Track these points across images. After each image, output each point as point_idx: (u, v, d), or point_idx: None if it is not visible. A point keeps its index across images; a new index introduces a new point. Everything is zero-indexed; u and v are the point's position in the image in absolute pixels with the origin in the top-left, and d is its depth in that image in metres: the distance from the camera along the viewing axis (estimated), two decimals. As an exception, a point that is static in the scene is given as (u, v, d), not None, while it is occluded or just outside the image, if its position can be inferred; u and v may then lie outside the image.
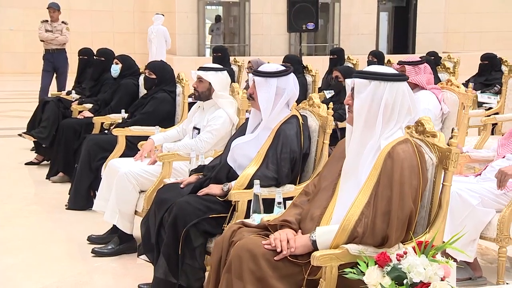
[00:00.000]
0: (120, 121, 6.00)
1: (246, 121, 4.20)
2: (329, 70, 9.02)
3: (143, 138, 5.26)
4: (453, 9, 21.79)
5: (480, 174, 4.31)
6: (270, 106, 3.91)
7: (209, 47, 20.05)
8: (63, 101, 7.55)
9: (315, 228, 2.91)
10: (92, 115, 6.75)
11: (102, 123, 6.41)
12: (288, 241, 2.87)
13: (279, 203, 3.45)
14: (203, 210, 3.72)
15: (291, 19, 14.35)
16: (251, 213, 3.47)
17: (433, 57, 9.10)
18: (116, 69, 6.75)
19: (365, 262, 2.57)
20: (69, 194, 5.96)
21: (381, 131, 2.91)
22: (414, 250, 2.50)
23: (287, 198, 3.61)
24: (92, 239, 5.02)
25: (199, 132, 4.87)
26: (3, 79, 17.55)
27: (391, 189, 2.79)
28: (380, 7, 21.34)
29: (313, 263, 2.74)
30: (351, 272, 2.58)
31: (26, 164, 7.62)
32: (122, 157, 5.37)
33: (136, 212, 4.75)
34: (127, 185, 4.70)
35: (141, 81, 6.56)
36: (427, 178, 2.97)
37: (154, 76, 5.81)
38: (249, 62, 8.15)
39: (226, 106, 4.86)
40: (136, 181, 4.71)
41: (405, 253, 2.47)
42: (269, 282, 2.79)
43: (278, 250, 2.85)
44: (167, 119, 5.73)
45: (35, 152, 7.74)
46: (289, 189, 3.82)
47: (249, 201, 3.63)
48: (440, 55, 10.47)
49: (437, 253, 2.48)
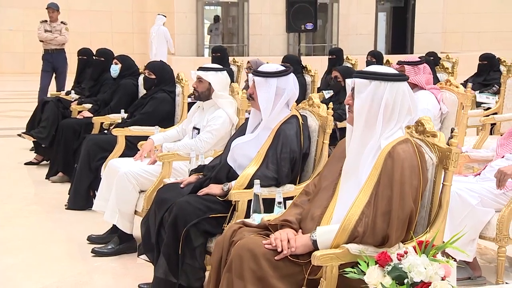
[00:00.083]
0: (119, 121, 6.01)
1: (246, 121, 4.20)
2: (328, 70, 9.03)
3: (143, 138, 5.26)
4: (451, 9, 21.79)
5: (479, 174, 4.32)
6: (270, 106, 3.91)
7: (207, 47, 20.05)
8: (63, 101, 7.55)
9: (316, 227, 2.91)
10: (91, 115, 6.75)
11: (101, 123, 6.42)
12: (288, 241, 2.87)
13: (279, 203, 3.45)
14: (203, 210, 3.72)
15: (290, 19, 14.37)
16: (251, 213, 3.47)
17: (433, 58, 9.11)
18: (115, 69, 6.75)
19: (365, 261, 2.58)
20: (68, 194, 5.96)
21: (381, 131, 2.91)
22: (414, 249, 2.50)
23: (287, 198, 3.61)
24: (92, 239, 5.02)
25: (198, 132, 4.87)
26: (2, 79, 17.54)
27: (392, 188, 2.79)
28: (378, 7, 21.36)
29: (313, 263, 2.74)
30: (351, 271, 2.58)
31: (25, 164, 7.62)
32: (121, 157, 5.37)
33: (136, 212, 4.75)
34: (127, 185, 4.70)
35: (140, 81, 6.56)
36: (427, 178, 2.97)
37: (153, 76, 5.81)
38: (248, 62, 8.15)
39: (225, 106, 4.87)
40: (136, 181, 4.71)
41: (405, 253, 2.47)
42: (270, 281, 2.79)
43: (278, 249, 2.85)
44: (166, 119, 5.73)
45: (35, 152, 7.73)
46: (289, 189, 3.82)
47: (249, 201, 3.63)
48: (438, 55, 10.47)
49: (437, 253, 2.49)
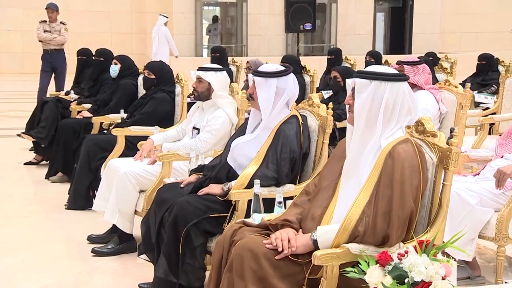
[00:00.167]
0: (119, 121, 6.01)
1: (246, 121, 4.20)
2: (327, 70, 9.04)
3: (143, 138, 5.26)
4: (449, 10, 21.82)
5: (478, 173, 4.32)
6: (270, 106, 3.92)
7: (206, 47, 20.06)
8: (62, 101, 7.55)
9: (316, 227, 2.91)
10: (91, 115, 6.75)
11: (101, 123, 6.43)
12: (289, 241, 2.87)
13: (280, 202, 3.46)
14: (203, 209, 3.72)
15: (288, 19, 14.39)
16: (251, 213, 3.47)
17: (432, 58, 9.12)
18: (115, 69, 6.75)
19: (366, 261, 2.58)
20: (68, 194, 5.96)
21: (381, 130, 2.92)
22: (415, 249, 2.50)
23: (287, 197, 3.62)
24: (92, 239, 5.02)
25: (198, 132, 4.87)
26: (1, 79, 17.54)
27: (392, 188, 2.80)
28: (376, 8, 21.39)
29: (314, 263, 2.74)
30: (352, 271, 2.59)
31: (25, 164, 7.62)
32: (121, 157, 5.37)
33: (136, 211, 4.75)
34: (127, 185, 4.70)
35: (140, 81, 6.57)
36: (428, 177, 2.97)
37: (153, 76, 5.81)
38: (247, 62, 8.16)
39: (225, 106, 4.87)
40: (136, 181, 4.72)
41: (406, 252, 2.48)
42: (270, 281, 2.79)
43: (279, 249, 2.85)
44: (166, 119, 5.74)
45: (34, 152, 7.73)
46: (289, 188, 3.83)
47: (249, 201, 3.63)
48: (437, 56, 10.49)
49: (438, 252, 2.50)
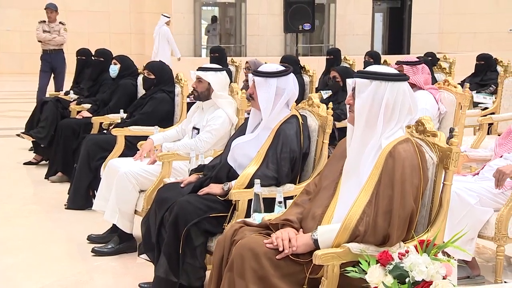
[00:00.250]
0: (118, 121, 6.02)
1: (246, 121, 4.20)
2: (326, 70, 9.04)
3: (142, 138, 5.27)
4: (448, 10, 21.82)
5: (478, 173, 4.33)
6: (270, 106, 3.92)
7: (205, 47, 20.04)
8: (62, 101, 7.55)
9: (317, 227, 2.91)
10: (90, 115, 6.76)
11: (100, 123, 6.43)
12: (289, 240, 2.87)
13: (280, 202, 3.46)
14: (203, 209, 3.73)
15: (287, 19, 14.41)
16: (251, 213, 3.48)
17: (431, 58, 9.13)
18: (114, 69, 6.75)
19: (366, 260, 2.59)
20: (68, 193, 5.96)
21: (382, 130, 2.93)
22: (415, 248, 2.51)
23: (287, 197, 3.63)
24: (92, 239, 5.03)
25: (198, 132, 4.88)
26: (0, 79, 17.52)
27: (393, 188, 2.80)
28: (375, 8, 21.38)
29: (315, 262, 2.75)
30: (353, 270, 2.59)
31: (24, 164, 7.62)
32: (121, 157, 5.37)
33: (136, 211, 4.75)
34: (127, 185, 4.71)
35: (139, 81, 6.57)
36: (428, 177, 2.98)
37: (153, 76, 5.81)
38: (246, 62, 8.18)
39: (225, 106, 4.87)
40: (136, 181, 4.72)
41: (407, 252, 2.48)
42: (271, 280, 2.80)
43: (280, 249, 2.85)
44: (166, 119, 5.74)
45: (34, 152, 7.73)
46: (289, 188, 3.83)
47: (250, 201, 3.64)
48: (437, 56, 10.50)
49: (438, 252, 2.50)
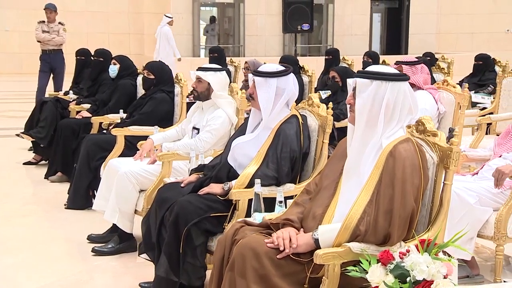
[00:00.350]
0: (118, 121, 6.02)
1: (246, 121, 4.21)
2: (325, 70, 9.06)
3: (142, 138, 5.27)
4: (446, 10, 21.87)
5: (477, 173, 4.34)
6: (270, 106, 3.93)
7: (203, 48, 20.09)
8: (61, 101, 7.56)
9: (317, 226, 2.92)
10: (90, 115, 6.76)
11: (100, 123, 6.44)
12: (290, 240, 2.87)
13: (280, 202, 3.46)
14: (204, 209, 3.74)
15: (286, 20, 14.43)
16: (252, 212, 3.48)
17: (429, 58, 9.15)
18: (114, 69, 6.75)
19: (367, 260, 2.60)
20: (68, 193, 5.97)
21: (382, 130, 2.93)
22: (416, 248, 2.52)
23: (288, 197, 3.63)
24: (92, 238, 5.03)
25: (198, 132, 4.88)
26: None
27: (393, 187, 2.81)
28: (373, 8, 21.45)
29: (315, 261, 2.75)
30: (353, 270, 2.60)
31: (24, 164, 7.62)
32: (121, 157, 5.38)
33: (136, 211, 4.76)
34: (127, 185, 4.71)
35: (139, 81, 6.58)
36: (428, 176, 2.98)
37: (152, 76, 5.81)
38: (245, 62, 8.18)
39: (225, 106, 4.88)
40: (136, 181, 4.72)
41: (408, 251, 2.49)
42: (272, 280, 2.80)
43: (281, 248, 2.85)
44: (165, 119, 5.74)
45: (33, 152, 7.74)
46: (289, 188, 3.84)
47: (250, 200, 3.64)
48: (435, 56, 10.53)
49: (439, 251, 2.51)
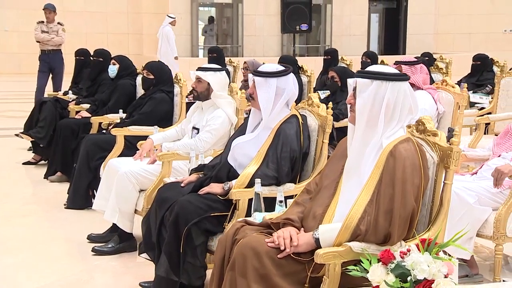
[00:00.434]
0: (118, 121, 6.03)
1: (246, 121, 4.21)
2: (324, 70, 9.05)
3: (142, 138, 5.27)
4: (443, 11, 21.89)
5: (476, 172, 4.35)
6: (270, 106, 3.93)
7: (202, 48, 20.08)
8: (61, 101, 7.57)
9: (318, 226, 2.92)
10: (89, 115, 6.76)
11: (100, 123, 6.44)
12: (291, 239, 2.87)
13: (281, 201, 3.46)
14: (204, 208, 3.74)
15: (284, 20, 14.44)
16: (252, 212, 3.49)
17: (427, 58, 9.16)
18: (113, 69, 6.76)
19: (368, 259, 2.60)
20: (68, 193, 5.97)
21: (383, 130, 2.94)
22: (417, 247, 2.52)
23: (288, 196, 3.64)
24: (92, 238, 5.04)
25: (198, 132, 4.89)
26: (-1, 80, 17.55)
27: (393, 187, 2.82)
28: (371, 9, 21.46)
29: (316, 261, 2.76)
30: (354, 269, 2.60)
31: (23, 164, 7.62)
32: (120, 156, 5.38)
33: (136, 211, 4.76)
34: (127, 184, 4.72)
35: (138, 81, 6.58)
36: (429, 176, 2.99)
37: (152, 76, 5.81)
38: (244, 62, 8.18)
39: (225, 106, 4.88)
40: (136, 180, 4.73)
41: (408, 251, 2.49)
42: (273, 279, 2.80)
43: (281, 248, 2.85)
44: (165, 119, 5.75)
45: (33, 152, 7.74)
46: (289, 187, 3.85)
47: (250, 200, 3.65)
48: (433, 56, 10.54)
49: (440, 251, 2.52)
